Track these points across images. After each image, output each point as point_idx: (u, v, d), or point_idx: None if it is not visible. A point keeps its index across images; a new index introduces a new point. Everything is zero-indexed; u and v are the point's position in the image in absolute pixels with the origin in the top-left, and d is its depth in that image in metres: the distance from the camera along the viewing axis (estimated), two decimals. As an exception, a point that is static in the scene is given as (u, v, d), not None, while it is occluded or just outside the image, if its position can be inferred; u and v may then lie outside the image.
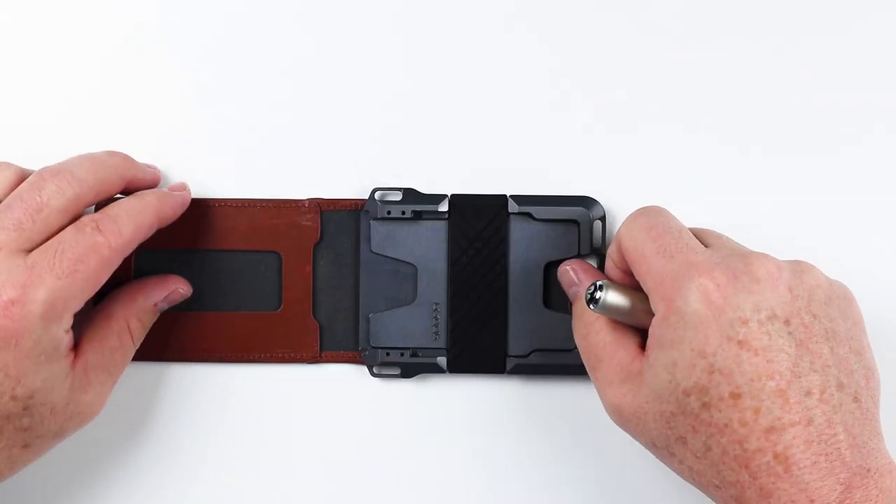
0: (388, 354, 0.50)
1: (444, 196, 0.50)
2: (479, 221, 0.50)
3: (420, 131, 0.51)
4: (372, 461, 0.51)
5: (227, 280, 0.51)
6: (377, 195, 0.50)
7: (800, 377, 0.40)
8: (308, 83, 0.51)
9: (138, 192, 0.48)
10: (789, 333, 0.40)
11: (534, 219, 0.50)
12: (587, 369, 0.46)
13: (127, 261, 0.50)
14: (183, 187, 0.50)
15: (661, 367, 0.41)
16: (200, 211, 0.51)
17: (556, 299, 0.51)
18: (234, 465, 0.51)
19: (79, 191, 0.45)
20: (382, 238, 0.50)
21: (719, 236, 0.46)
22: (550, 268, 0.50)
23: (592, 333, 0.45)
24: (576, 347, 0.50)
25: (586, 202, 0.50)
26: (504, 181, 0.51)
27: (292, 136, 0.51)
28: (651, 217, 0.44)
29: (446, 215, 0.50)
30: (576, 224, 0.50)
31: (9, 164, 0.47)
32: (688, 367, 0.40)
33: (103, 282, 0.44)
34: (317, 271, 0.51)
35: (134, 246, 0.46)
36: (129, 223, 0.45)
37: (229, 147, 0.51)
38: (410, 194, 0.50)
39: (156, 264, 0.51)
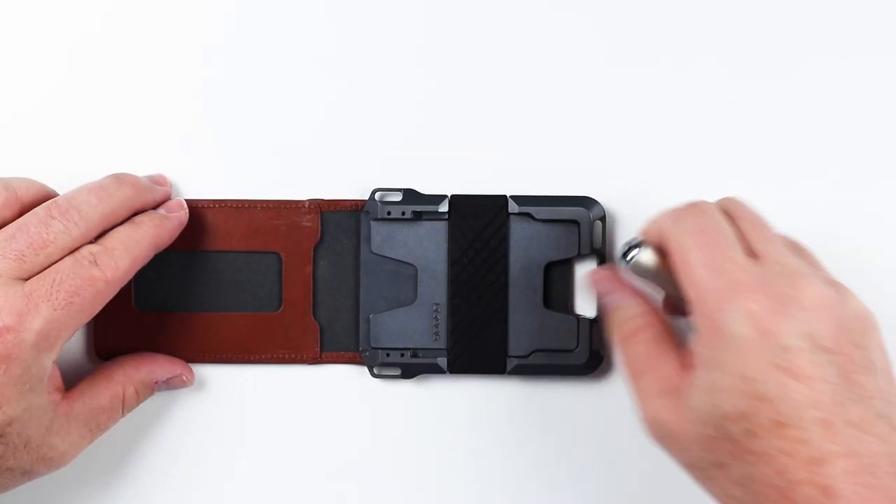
0: (388, 355, 0.50)
1: (444, 196, 0.50)
2: (479, 222, 0.50)
3: (420, 132, 0.51)
4: (372, 462, 0.51)
5: (227, 281, 0.51)
6: (377, 196, 0.50)
7: (844, 406, 0.39)
8: (307, 84, 0.51)
9: (137, 220, 0.47)
10: (834, 363, 0.39)
11: (534, 219, 0.50)
12: (628, 379, 0.44)
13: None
14: (180, 206, 0.49)
15: (703, 389, 0.40)
16: (201, 212, 0.51)
17: (556, 299, 0.51)
18: (235, 466, 0.51)
19: (85, 230, 0.45)
20: (383, 239, 0.50)
21: (766, 241, 0.43)
22: (551, 268, 0.50)
23: (636, 343, 0.44)
24: (577, 347, 0.50)
25: (586, 202, 0.50)
26: (504, 181, 0.51)
27: (292, 137, 0.51)
28: (701, 218, 0.43)
29: (446, 216, 0.50)
30: (576, 224, 0.50)
31: None
32: (730, 391, 0.39)
33: (96, 312, 0.45)
34: (317, 272, 0.51)
35: (130, 277, 0.46)
36: (126, 256, 0.46)
37: (229, 148, 0.51)
38: (410, 195, 0.50)
39: (156, 265, 0.50)
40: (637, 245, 0.44)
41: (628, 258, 0.44)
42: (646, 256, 0.43)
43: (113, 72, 0.51)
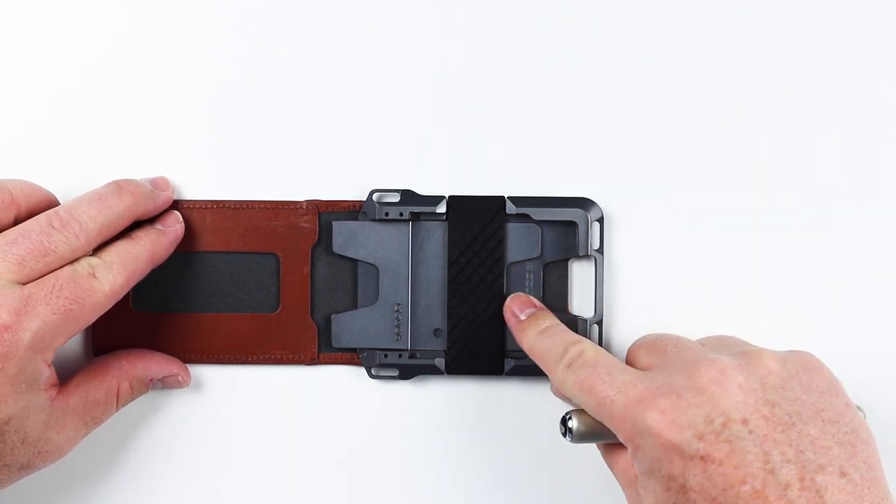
0: (386, 356, 0.50)
1: (442, 197, 0.50)
2: (476, 223, 0.50)
3: (418, 132, 0.51)
4: (370, 462, 0.51)
5: (225, 282, 0.51)
6: (375, 196, 0.50)
7: (774, 472, 0.39)
8: (305, 86, 0.51)
9: (135, 235, 0.48)
10: (750, 433, 0.40)
11: (532, 220, 0.50)
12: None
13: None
14: (176, 220, 0.50)
15: (646, 492, 0.41)
16: (199, 213, 0.51)
17: (554, 300, 0.51)
18: (232, 466, 0.51)
19: (85, 242, 0.46)
20: (345, 238, 0.50)
21: (664, 347, 0.45)
22: (549, 268, 0.50)
23: (602, 450, 0.46)
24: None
25: (584, 203, 0.50)
26: (502, 182, 0.51)
27: (290, 138, 0.51)
28: (578, 371, 0.44)
29: (444, 216, 0.50)
30: (574, 225, 0.50)
31: None
32: (664, 492, 0.40)
33: (90, 323, 0.45)
34: (315, 273, 0.51)
35: (127, 291, 0.47)
36: (123, 271, 0.46)
37: (227, 149, 0.51)
38: (408, 196, 0.50)
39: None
40: (568, 418, 0.44)
41: (571, 430, 0.44)
42: (578, 424, 0.44)
43: (112, 73, 0.51)
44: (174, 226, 0.49)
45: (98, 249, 0.47)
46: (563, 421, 0.45)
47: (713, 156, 0.51)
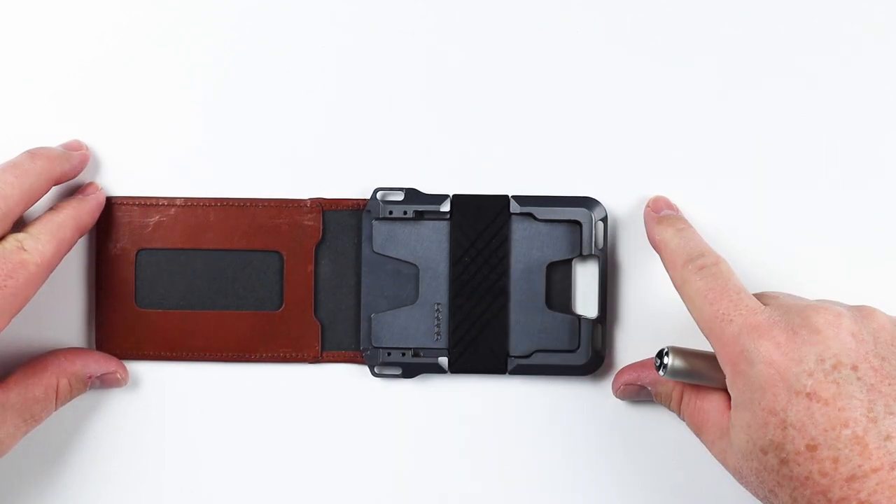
0: (389, 354, 0.50)
1: (446, 196, 0.50)
2: (480, 222, 0.50)
3: (422, 131, 0.51)
4: (373, 461, 0.51)
5: (228, 280, 0.51)
6: (379, 195, 0.50)
7: (876, 422, 0.40)
8: (309, 83, 0.51)
9: (57, 206, 0.49)
10: (858, 379, 0.40)
11: (536, 219, 0.50)
12: (697, 436, 0.46)
13: (128, 262, 0.50)
14: (95, 188, 0.50)
15: (739, 428, 0.42)
16: (202, 211, 0.51)
17: (557, 299, 0.51)
18: (235, 464, 0.51)
19: (5, 209, 0.45)
20: (384, 238, 0.50)
21: (776, 296, 0.45)
22: (553, 268, 0.50)
23: (686, 405, 0.47)
24: (578, 348, 0.50)
25: (588, 203, 0.50)
26: (506, 181, 0.51)
27: (294, 135, 0.51)
28: (708, 280, 0.44)
29: (448, 215, 0.50)
30: (578, 225, 0.50)
31: None
32: (761, 426, 0.41)
33: (30, 298, 0.45)
34: (318, 271, 0.51)
35: (59, 260, 0.47)
36: (51, 240, 0.46)
37: (231, 147, 0.51)
38: (412, 194, 0.50)
39: (157, 264, 0.51)
40: (666, 353, 0.45)
41: (665, 365, 0.45)
42: (676, 360, 0.45)
43: (113, 72, 0.51)
44: (95, 192, 0.50)
45: (22, 226, 0.47)
46: (660, 355, 0.45)
47: (716, 156, 0.51)
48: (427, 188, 0.51)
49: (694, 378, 0.46)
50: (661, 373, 0.45)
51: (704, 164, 0.51)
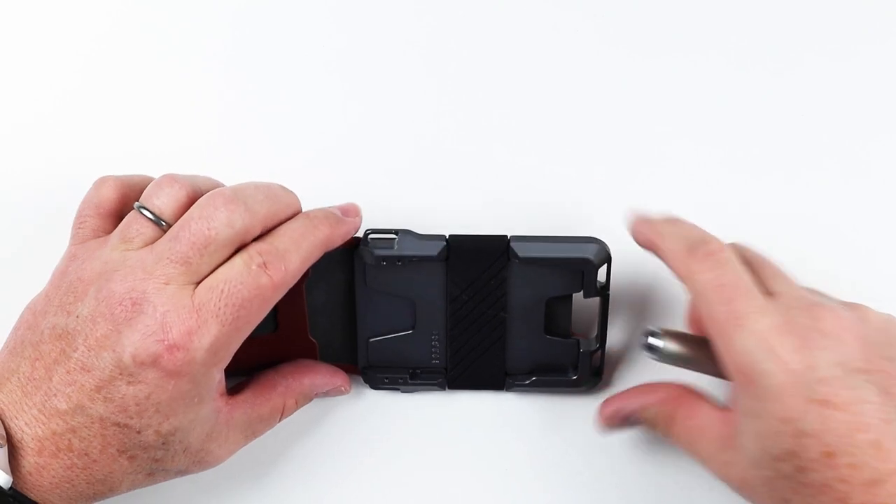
0: (386, 381, 0.51)
1: (443, 239, 0.47)
2: (478, 265, 0.48)
3: (417, 162, 0.49)
4: (369, 472, 0.52)
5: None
6: (371, 238, 0.47)
7: (891, 423, 0.39)
8: (301, 118, 0.48)
9: (312, 213, 0.45)
10: (870, 382, 0.40)
11: (536, 261, 0.48)
12: (690, 456, 0.45)
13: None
14: (357, 213, 0.47)
15: (748, 437, 0.41)
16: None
17: (556, 327, 0.50)
18: (233, 475, 0.51)
19: (248, 224, 0.43)
20: (377, 280, 0.48)
21: (778, 279, 0.43)
22: (552, 301, 0.49)
23: (678, 423, 0.45)
24: (576, 369, 0.50)
25: (590, 245, 0.47)
26: (504, 218, 0.49)
27: (284, 173, 0.47)
28: (717, 271, 0.42)
29: (444, 256, 0.48)
30: (580, 266, 0.48)
31: (174, 179, 0.44)
32: (773, 434, 0.40)
33: (262, 318, 0.44)
34: (311, 300, 0.50)
35: (297, 279, 0.44)
36: (297, 258, 0.44)
37: (227, 176, 0.47)
38: (406, 237, 0.47)
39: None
40: (655, 334, 0.43)
41: (654, 347, 0.44)
42: (670, 344, 0.44)
43: (110, 78, 0.50)
44: (355, 217, 0.47)
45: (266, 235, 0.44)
46: (649, 334, 0.44)
47: (724, 187, 0.49)
48: (422, 223, 0.48)
49: (688, 364, 0.45)
50: (651, 355, 0.44)
51: (709, 197, 0.48)
